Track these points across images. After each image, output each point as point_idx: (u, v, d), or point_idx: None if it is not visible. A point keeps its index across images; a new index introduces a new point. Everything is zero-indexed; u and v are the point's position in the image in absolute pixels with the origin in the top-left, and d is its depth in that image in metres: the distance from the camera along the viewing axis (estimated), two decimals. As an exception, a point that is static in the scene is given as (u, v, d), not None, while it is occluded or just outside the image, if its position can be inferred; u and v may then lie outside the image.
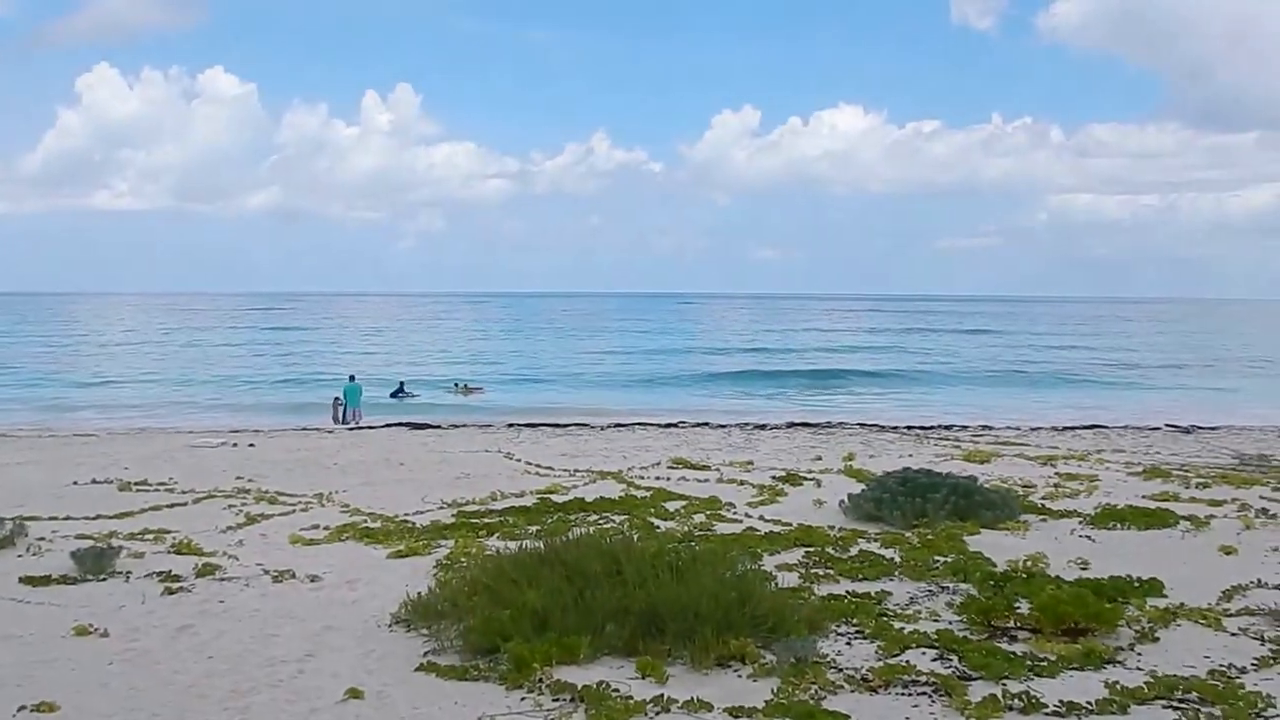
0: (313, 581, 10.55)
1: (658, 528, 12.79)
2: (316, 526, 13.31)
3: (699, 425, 27.57)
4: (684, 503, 14.59)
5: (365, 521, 13.55)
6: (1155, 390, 44.41)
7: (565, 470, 18.07)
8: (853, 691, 7.11)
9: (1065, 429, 26.51)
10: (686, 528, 12.84)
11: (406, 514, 14.03)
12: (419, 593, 9.09)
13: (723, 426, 27.11)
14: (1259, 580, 10.21)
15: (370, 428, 27.69)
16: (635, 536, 11.27)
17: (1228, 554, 11.59)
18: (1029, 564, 10.57)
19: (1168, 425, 28.00)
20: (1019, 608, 8.69)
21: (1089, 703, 6.77)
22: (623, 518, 13.42)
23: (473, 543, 11.89)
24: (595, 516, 13.55)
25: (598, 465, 18.69)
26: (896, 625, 8.54)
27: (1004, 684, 7.10)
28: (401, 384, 40.20)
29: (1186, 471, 17.95)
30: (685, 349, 69.11)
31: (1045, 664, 7.55)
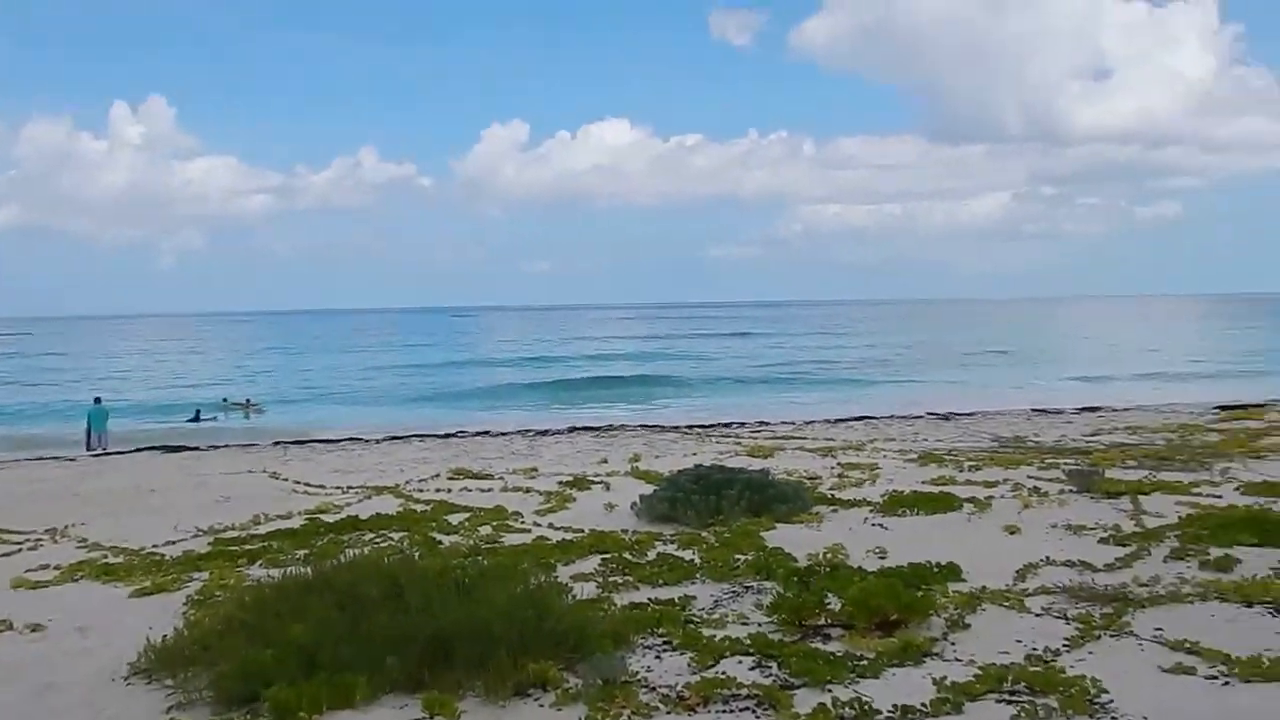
0: (34, 631, 9.02)
1: (441, 543, 11.80)
2: (45, 566, 11.62)
3: (479, 434, 26.58)
4: (468, 514, 13.63)
5: (105, 557, 11.95)
6: (910, 383, 46.57)
7: (337, 487, 16.74)
8: (669, 713, 6.41)
9: (838, 421, 27.13)
10: (472, 541, 11.91)
11: (155, 545, 12.48)
12: (164, 636, 7.80)
13: (504, 434, 26.24)
14: (1047, 558, 10.27)
15: (119, 453, 25.22)
16: (416, 554, 10.30)
17: (1012, 533, 11.71)
18: (830, 556, 10.26)
19: (929, 413, 29.18)
20: (829, 603, 8.26)
21: (922, 705, 6.32)
22: (402, 534, 12.36)
23: (231, 573, 10.58)
24: (371, 535, 12.41)
25: (373, 480, 17.45)
26: (706, 632, 7.93)
27: (830, 690, 6.58)
28: (198, 409, 37.74)
29: (956, 455, 18.48)
30: (462, 362, 67.63)
31: (866, 663, 7.11)
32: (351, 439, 25.72)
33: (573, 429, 26.90)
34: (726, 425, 26.97)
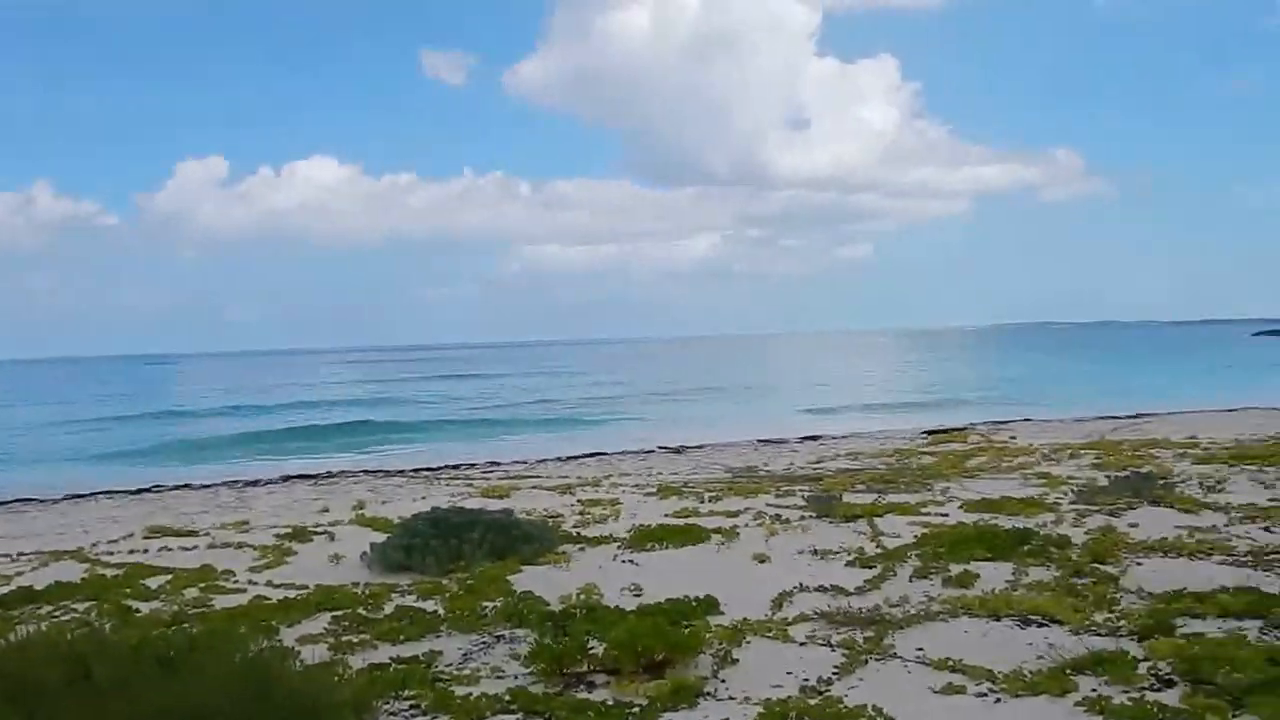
0: None
1: (138, 611, 10.24)
2: None
3: (178, 488, 24.09)
4: (169, 577, 11.97)
5: None
6: (636, 419, 47.04)
7: (4, 556, 14.47)
8: (426, 789, 5.55)
9: (570, 458, 26.69)
10: (176, 606, 10.40)
11: None
12: None
13: (208, 486, 23.95)
14: (800, 584, 10.13)
15: None
16: (108, 626, 8.81)
17: (763, 562, 11.53)
18: (584, 597, 9.64)
19: (660, 447, 29.30)
20: (592, 648, 7.61)
21: (711, 753, 5.78)
22: (88, 605, 10.64)
23: None
24: (49, 608, 10.62)
25: (50, 545, 15.22)
26: (459, 690, 7.09)
27: (607, 745, 5.93)
28: None
29: (694, 487, 18.41)
30: (157, 413, 62.41)
31: (639, 710, 6.51)
32: (22, 500, 22.69)
33: (287, 478, 24.96)
34: (455, 467, 25.93)
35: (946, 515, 14.05)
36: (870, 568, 10.92)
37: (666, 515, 15.01)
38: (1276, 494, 14.64)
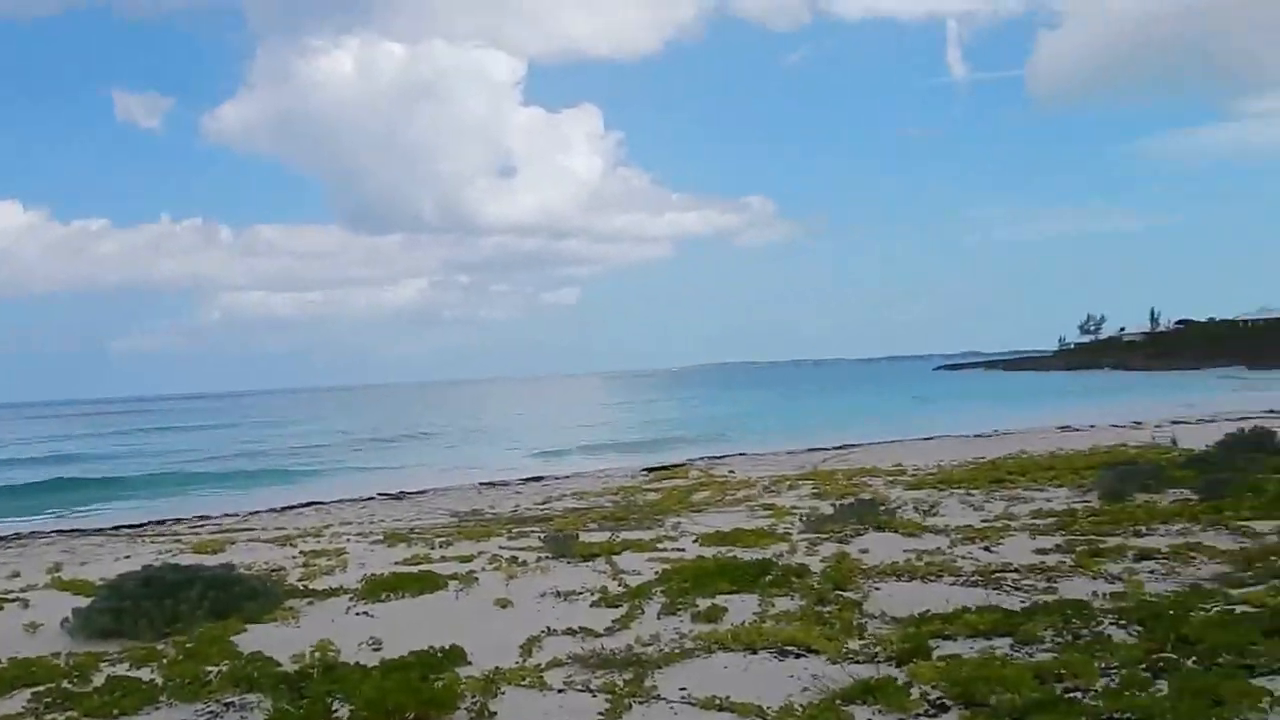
0: None
1: None
2: None
3: None
4: None
5: None
6: (350, 468, 45.15)
7: None
8: None
9: (285, 509, 25.13)
10: None
11: None
12: None
13: None
14: (548, 628, 9.72)
15: None
16: None
17: (505, 607, 11.04)
18: (320, 655, 8.81)
19: (380, 494, 28.17)
20: (337, 711, 6.89)
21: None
22: None
23: None
24: None
25: None
26: (182, 774, 6.18)
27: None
28: None
29: (421, 533, 17.68)
30: None
31: (398, 778, 5.88)
32: None
33: (-42, 543, 21.99)
34: (161, 523, 23.78)
35: (683, 550, 14.08)
36: (616, 606, 10.66)
37: (397, 563, 14.23)
38: (986, 515, 15.70)
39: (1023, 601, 9.72)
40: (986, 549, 12.93)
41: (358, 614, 10.98)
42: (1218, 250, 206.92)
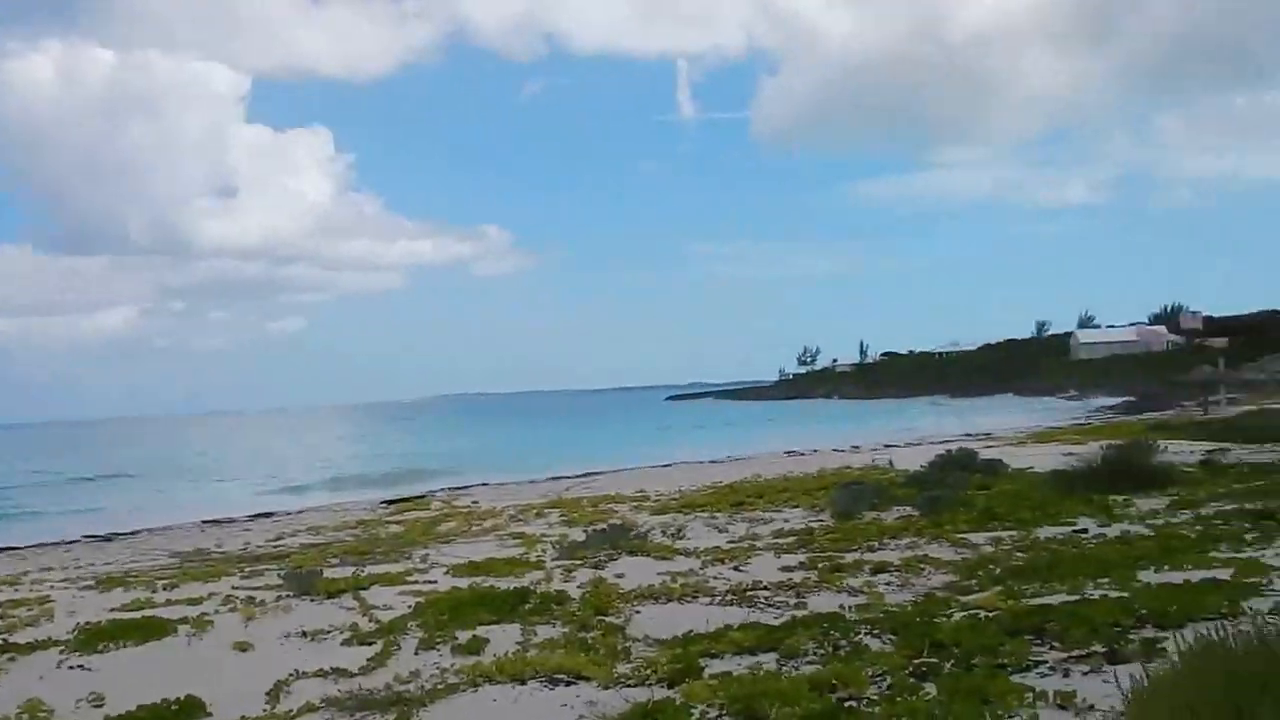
0: None
1: None
2: None
3: None
4: None
5: None
6: (48, 511, 41.13)
7: None
8: None
9: (-31, 556, 22.45)
10: None
11: None
12: None
13: None
14: (296, 671, 9.05)
15: None
16: None
17: (245, 650, 10.25)
18: (27, 716, 7.81)
19: (86, 535, 25.85)
20: (57, 779, 6.06)
21: None
22: None
23: None
24: None
25: None
26: None
27: None
28: None
29: (144, 575, 16.27)
30: None
31: None
32: None
33: None
34: None
35: (435, 582, 13.58)
36: (370, 644, 10.09)
37: (115, 609, 12.94)
38: (731, 536, 16.09)
39: (777, 617, 9.95)
40: (736, 569, 13.20)
41: (72, 667, 9.84)
42: (916, 288, 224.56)
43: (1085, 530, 14.18)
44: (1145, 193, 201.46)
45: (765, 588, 11.60)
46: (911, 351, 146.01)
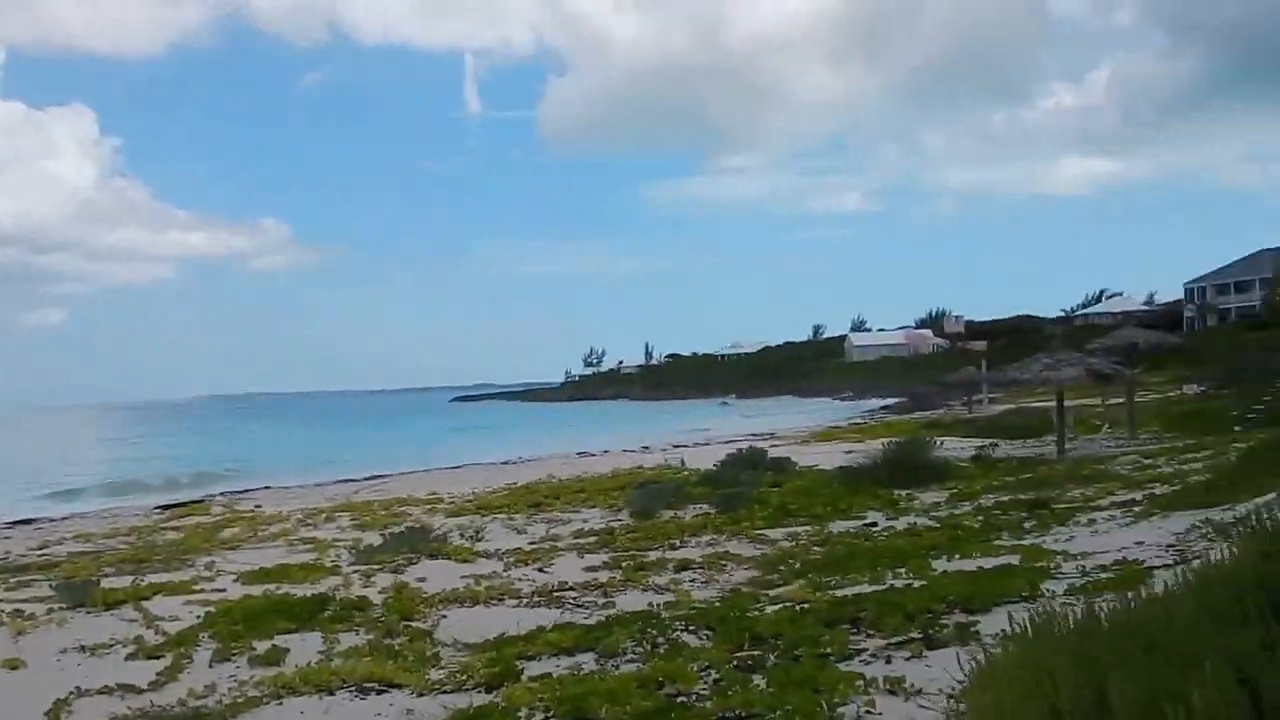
0: None
1: None
2: None
3: None
4: None
5: None
6: None
7: None
8: None
9: None
10: None
11: None
12: None
13: None
14: (78, 689, 8.47)
15: None
16: None
17: (16, 668, 9.49)
18: None
19: None
20: None
21: None
22: None
23: None
24: None
25: None
26: None
27: None
28: None
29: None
30: None
31: None
32: None
33: None
34: None
35: (224, 590, 12.97)
36: (158, 657, 9.55)
37: None
38: (532, 537, 16.05)
39: (588, 616, 9.98)
40: (540, 570, 13.19)
41: None
42: (699, 290, 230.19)
43: (875, 524, 14.91)
44: (911, 203, 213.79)
45: (571, 588, 11.63)
46: (695, 354, 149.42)
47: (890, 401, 64.54)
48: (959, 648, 5.88)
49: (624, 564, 12.98)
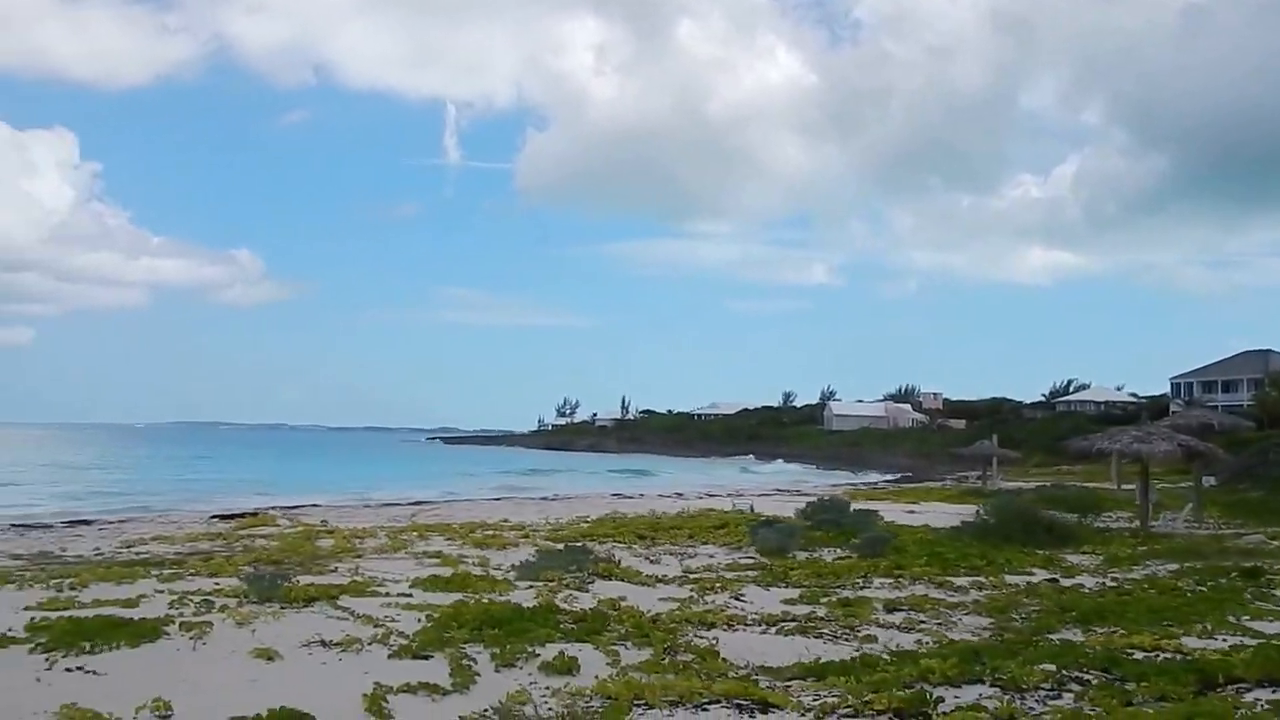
0: None
1: None
2: None
3: None
4: None
5: None
6: None
7: None
8: None
9: None
10: None
11: None
12: None
13: None
14: (378, 684, 7.67)
15: None
16: None
17: (271, 659, 8.69)
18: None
19: None
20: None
21: None
22: None
23: None
24: None
25: None
26: None
27: None
28: None
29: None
30: None
31: None
32: None
33: None
34: None
35: (410, 595, 12.14)
36: (426, 658, 8.78)
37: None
38: (671, 567, 15.27)
39: (856, 650, 9.26)
40: (734, 598, 12.47)
41: (70, 670, 7.96)
42: (671, 350, 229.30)
43: (1056, 579, 14.24)
44: (877, 280, 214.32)
45: (823, 619, 11.00)
46: (670, 410, 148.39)
47: (890, 476, 63.28)
48: None
49: (821, 599, 12.27)
